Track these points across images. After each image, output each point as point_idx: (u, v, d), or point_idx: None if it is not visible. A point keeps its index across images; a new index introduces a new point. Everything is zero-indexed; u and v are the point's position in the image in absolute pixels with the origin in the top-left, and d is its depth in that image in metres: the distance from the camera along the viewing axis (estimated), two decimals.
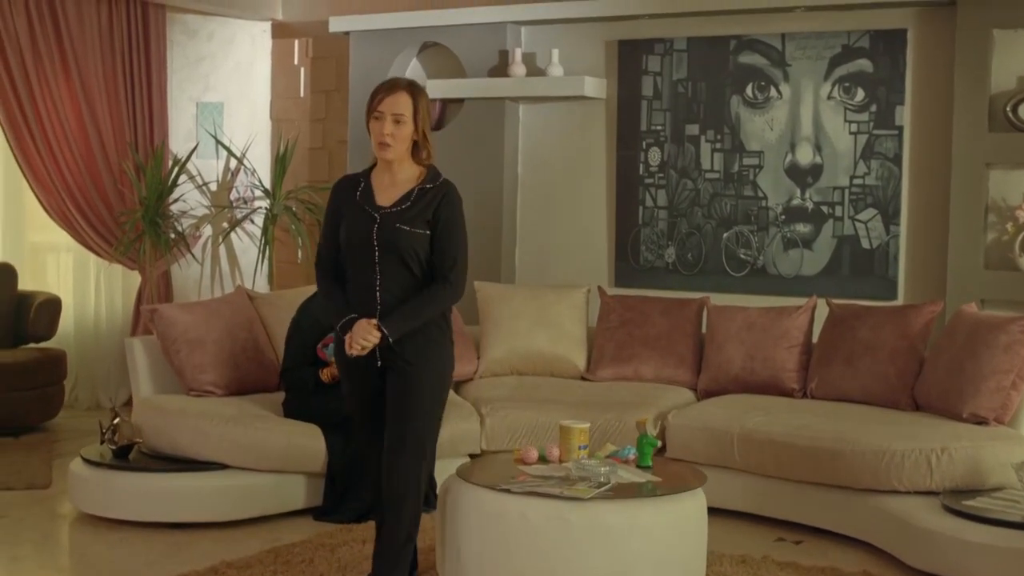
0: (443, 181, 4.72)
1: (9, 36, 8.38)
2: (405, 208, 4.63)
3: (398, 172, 4.69)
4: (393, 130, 4.59)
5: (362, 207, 4.67)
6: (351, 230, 4.65)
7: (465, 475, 5.00)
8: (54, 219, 8.71)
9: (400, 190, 4.67)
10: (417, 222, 4.61)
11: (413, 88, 4.65)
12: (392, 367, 4.70)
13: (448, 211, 4.64)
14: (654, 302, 7.30)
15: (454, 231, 4.65)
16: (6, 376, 7.86)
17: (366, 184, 4.72)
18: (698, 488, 4.92)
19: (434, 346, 4.72)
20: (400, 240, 4.60)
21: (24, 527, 6.03)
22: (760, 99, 7.59)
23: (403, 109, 4.59)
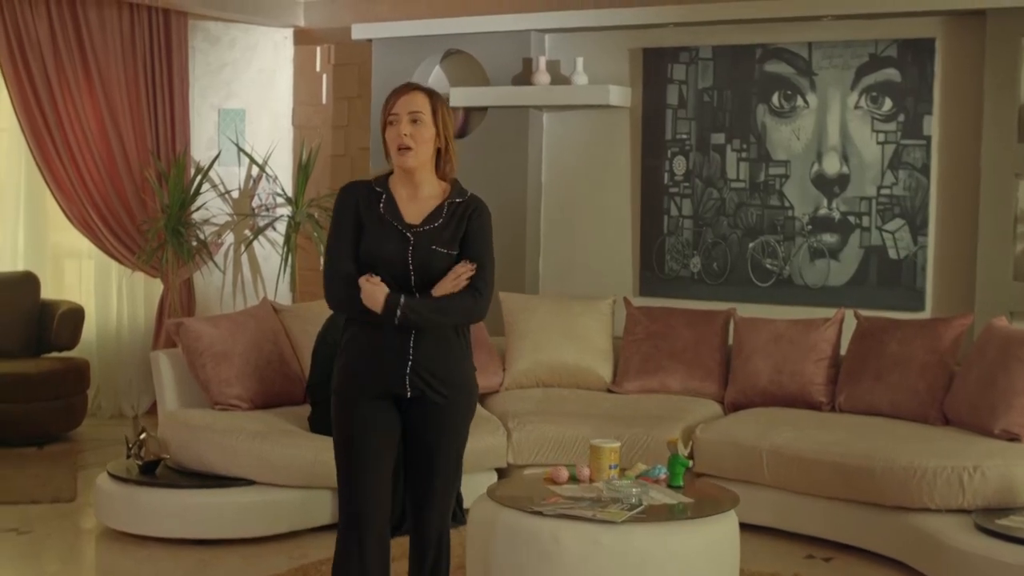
0: (472, 195, 4.23)
1: (31, 44, 8.38)
2: (438, 227, 4.12)
3: (421, 185, 4.16)
4: (412, 130, 4.07)
5: (390, 223, 4.11)
6: (377, 249, 4.10)
7: (496, 496, 4.97)
8: (76, 226, 8.70)
9: (427, 206, 4.14)
10: (453, 243, 4.13)
11: (430, 91, 4.18)
12: (422, 399, 4.17)
13: (479, 222, 4.17)
14: (680, 314, 7.26)
15: (484, 243, 4.19)
16: (30, 386, 7.86)
17: (388, 196, 4.16)
18: (731, 510, 4.89)
19: (467, 374, 4.27)
20: (436, 263, 4.11)
21: (50, 542, 6.02)
22: (786, 108, 7.54)
23: (420, 107, 4.08)
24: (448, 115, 4.17)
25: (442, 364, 4.16)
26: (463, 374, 4.25)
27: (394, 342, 4.11)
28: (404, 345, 4.11)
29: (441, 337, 4.15)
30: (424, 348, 4.12)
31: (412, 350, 4.11)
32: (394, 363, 4.12)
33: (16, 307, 8.34)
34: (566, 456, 6.48)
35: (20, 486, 6.91)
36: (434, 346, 4.14)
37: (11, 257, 8.85)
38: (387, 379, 4.13)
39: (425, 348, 4.12)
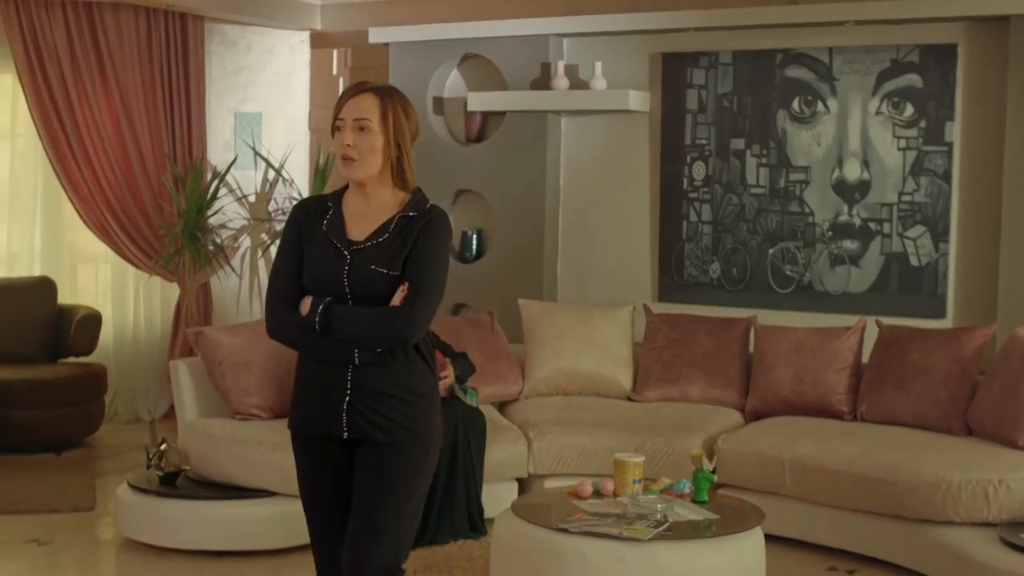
0: (431, 207, 3.67)
1: (48, 48, 8.37)
2: (381, 243, 3.62)
3: (373, 197, 3.68)
4: (356, 139, 3.59)
5: (329, 240, 3.65)
6: (314, 269, 3.63)
7: (520, 512, 4.95)
8: (93, 231, 8.69)
9: (376, 220, 3.66)
10: (396, 262, 3.60)
11: (384, 92, 3.66)
12: (364, 442, 3.64)
13: (426, 236, 3.60)
14: (700, 321, 7.23)
15: (427, 260, 3.59)
16: (48, 392, 7.86)
17: (335, 211, 3.70)
18: (757, 527, 4.86)
19: (417, 414, 3.64)
20: (375, 285, 3.59)
21: (71, 553, 6.01)
22: (807, 114, 7.50)
23: (367, 113, 3.59)
24: (404, 119, 3.65)
25: (387, 399, 3.60)
26: (416, 411, 3.63)
27: (332, 374, 3.62)
28: (342, 377, 3.60)
29: (390, 367, 3.60)
30: (365, 380, 3.59)
31: (350, 382, 3.60)
32: (332, 398, 3.61)
33: (33, 312, 8.34)
34: (587, 466, 6.46)
35: (39, 494, 6.90)
36: (379, 377, 3.60)
37: (28, 261, 8.84)
38: (326, 417, 3.63)
39: (367, 380, 3.59)
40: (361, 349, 3.57)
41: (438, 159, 8.39)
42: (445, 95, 8.57)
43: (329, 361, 3.61)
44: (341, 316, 3.55)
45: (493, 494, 6.36)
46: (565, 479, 6.44)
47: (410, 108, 3.70)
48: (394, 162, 3.65)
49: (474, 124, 8.42)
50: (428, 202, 3.70)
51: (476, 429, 6.21)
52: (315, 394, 3.65)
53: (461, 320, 7.39)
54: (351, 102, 3.63)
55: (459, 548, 5.96)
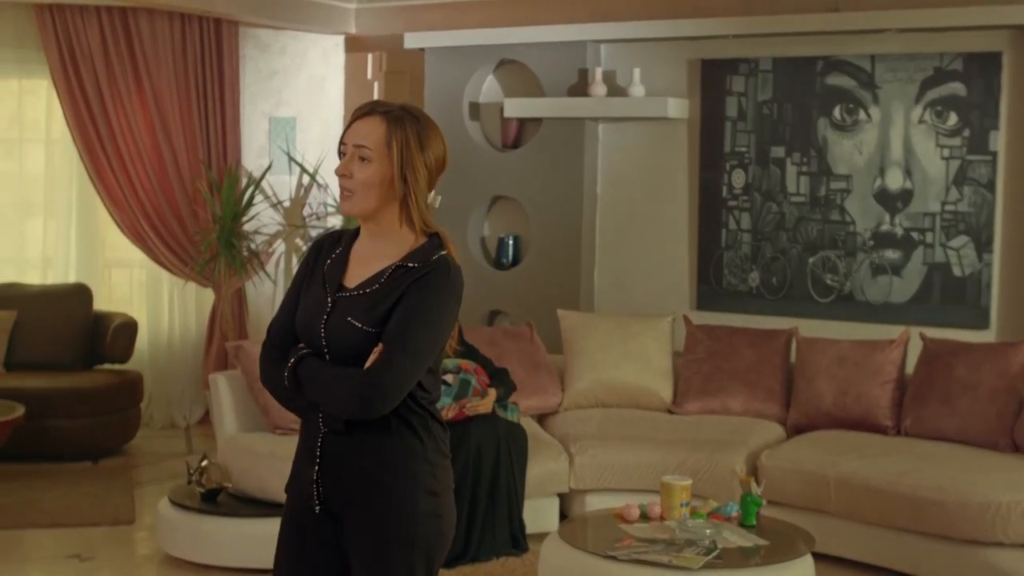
0: (438, 258, 3.06)
1: (83, 53, 8.35)
2: (368, 293, 3.06)
3: (381, 239, 3.12)
4: (354, 169, 3.06)
5: (322, 283, 3.14)
6: (301, 316, 3.14)
7: (567, 537, 4.92)
8: (128, 236, 8.68)
9: (378, 266, 3.10)
10: (375, 316, 3.02)
11: (395, 115, 3.07)
12: (340, 516, 3.10)
13: (418, 293, 3.01)
14: (741, 333, 7.18)
15: (410, 319, 3.00)
16: (85, 401, 7.84)
17: (342, 251, 3.18)
18: (807, 553, 4.82)
19: (394, 496, 3.05)
20: (350, 340, 3.03)
21: (113, 570, 5.99)
22: (848, 122, 7.42)
23: (368, 140, 3.04)
24: (417, 149, 3.06)
25: (361, 474, 3.06)
26: (394, 493, 3.04)
27: (308, 435, 3.13)
28: (314, 442, 3.10)
29: (362, 436, 3.05)
30: (336, 449, 3.07)
31: (320, 448, 3.08)
32: (308, 465, 3.12)
33: (69, 319, 8.33)
34: (629, 481, 6.42)
35: (78, 507, 6.89)
36: (351, 448, 3.06)
37: (63, 268, 8.83)
38: (303, 487, 3.14)
39: (337, 449, 3.07)
40: (327, 414, 3.05)
41: (474, 165, 8.35)
42: (481, 100, 8.52)
43: (307, 421, 3.13)
44: (309, 373, 3.04)
45: (534, 509, 6.33)
46: (606, 495, 6.43)
47: (430, 136, 3.09)
48: (401, 200, 3.07)
49: (510, 130, 8.37)
50: (439, 252, 3.06)
51: (518, 445, 6.18)
52: (299, 458, 3.18)
53: (500, 331, 7.35)
54: (355, 125, 3.10)
55: (501, 565, 5.93)
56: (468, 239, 8.40)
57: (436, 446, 3.11)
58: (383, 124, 3.04)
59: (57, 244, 8.91)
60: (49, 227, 8.95)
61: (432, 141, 3.08)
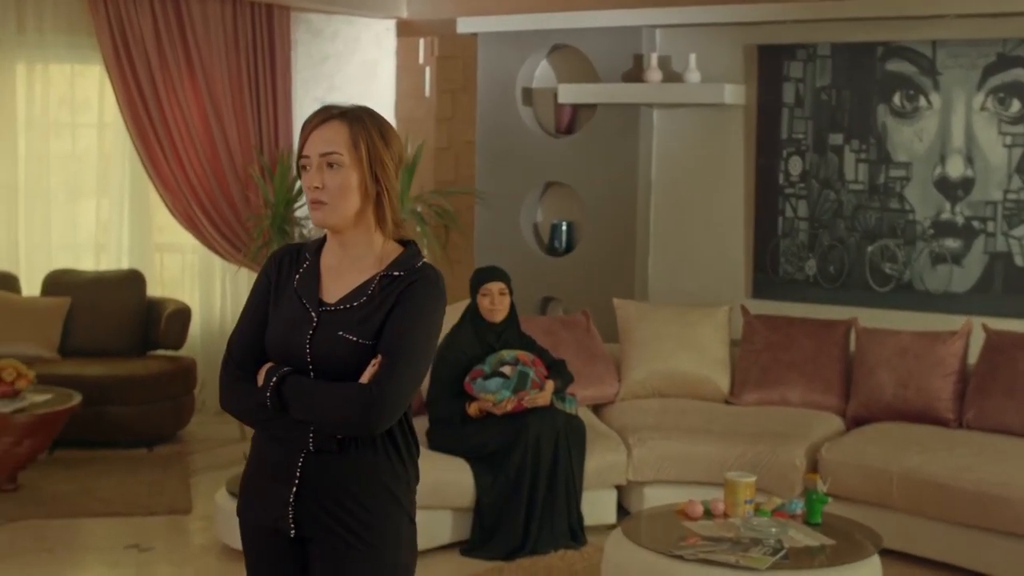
0: (421, 266, 2.99)
1: (135, 38, 8.33)
2: (356, 307, 2.96)
3: (353, 249, 3.02)
4: (326, 178, 2.93)
5: (297, 299, 3.02)
6: (275, 333, 3.00)
7: (631, 535, 4.88)
8: (180, 222, 8.67)
9: (356, 278, 3.00)
10: (368, 328, 2.92)
11: (353, 116, 2.98)
12: (316, 540, 2.97)
13: (410, 300, 2.93)
14: (800, 324, 7.10)
15: (405, 329, 2.90)
16: (139, 388, 7.85)
17: (311, 265, 3.05)
18: (875, 554, 4.76)
19: (378, 522, 2.95)
20: (340, 355, 2.92)
21: (172, 561, 6.00)
22: (908, 108, 7.32)
23: (334, 146, 2.93)
24: (383, 147, 2.97)
25: (340, 497, 2.93)
26: (377, 518, 2.94)
27: (283, 457, 2.97)
28: (291, 462, 2.95)
29: (351, 457, 2.94)
30: (319, 470, 2.94)
31: (300, 469, 2.94)
32: (279, 487, 2.96)
33: (123, 306, 8.34)
34: (688, 474, 6.38)
35: (135, 495, 6.90)
36: (335, 468, 2.93)
37: (115, 253, 8.83)
38: (271, 508, 2.98)
39: (320, 470, 2.94)
40: (318, 433, 2.92)
41: (527, 151, 8.31)
42: (534, 86, 8.46)
43: (282, 441, 2.96)
44: (297, 391, 2.90)
45: (591, 502, 6.30)
46: (664, 487, 6.40)
47: (390, 133, 3.00)
48: (374, 202, 2.97)
49: (564, 116, 8.31)
50: (420, 259, 3.01)
51: (576, 437, 6.14)
52: (265, 478, 3.00)
53: (555, 320, 7.31)
54: (314, 134, 2.98)
55: (560, 558, 5.90)
56: (521, 225, 8.35)
57: (415, 471, 3.04)
58: (344, 126, 2.95)
59: (109, 229, 8.91)
60: (102, 212, 8.96)
61: (392, 136, 3.01)
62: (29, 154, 8.58)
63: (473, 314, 6.24)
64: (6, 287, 8.27)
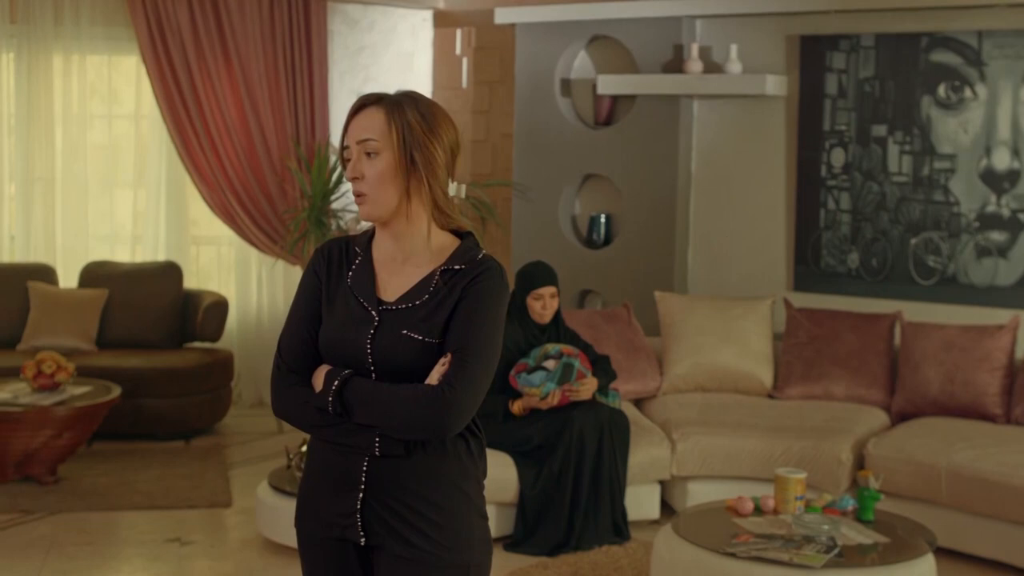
0: (483, 258, 2.85)
1: (171, 30, 8.31)
2: (419, 304, 2.83)
3: (405, 241, 2.87)
4: (363, 168, 2.80)
5: (353, 297, 2.87)
6: (333, 334, 2.87)
7: (682, 531, 4.82)
8: (217, 214, 8.65)
9: (414, 273, 2.86)
10: (434, 326, 2.80)
11: (392, 101, 2.82)
12: (385, 547, 2.85)
13: (474, 295, 2.80)
14: (843, 317, 7.03)
15: (474, 325, 2.78)
16: (177, 380, 7.82)
17: (364, 260, 2.90)
18: (929, 552, 4.70)
19: (449, 523, 2.83)
20: (405, 354, 2.80)
21: (214, 555, 5.97)
22: (954, 100, 7.23)
23: (371, 132, 2.78)
24: (425, 132, 2.80)
25: (409, 501, 2.82)
26: (448, 519, 2.83)
27: (346, 463, 2.85)
28: (356, 468, 2.84)
29: (419, 460, 2.82)
30: (385, 474, 2.82)
31: (365, 475, 2.83)
32: (343, 494, 2.86)
33: (160, 298, 8.31)
34: (732, 469, 6.32)
35: (175, 488, 6.88)
36: (402, 472, 2.82)
37: (152, 245, 8.81)
38: (336, 517, 2.88)
39: (386, 474, 2.82)
40: (385, 436, 2.79)
41: (565, 142, 8.25)
42: (572, 77, 8.40)
43: (344, 446, 2.84)
44: (362, 395, 2.77)
45: (634, 497, 6.26)
46: (708, 482, 6.34)
47: (436, 118, 2.83)
48: (427, 191, 2.81)
49: (603, 107, 8.25)
50: (480, 252, 2.86)
51: (620, 432, 6.09)
52: (326, 486, 2.89)
53: (597, 313, 7.25)
54: (353, 123, 2.84)
55: (603, 554, 5.85)
56: (559, 217, 8.30)
57: (482, 465, 2.92)
58: (380, 112, 2.80)
59: (146, 221, 8.89)
60: (138, 204, 8.95)
61: (440, 122, 2.82)
62: (66, 146, 8.56)
63: (520, 312, 6.17)
64: (43, 279, 8.26)
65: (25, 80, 8.37)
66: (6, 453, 6.76)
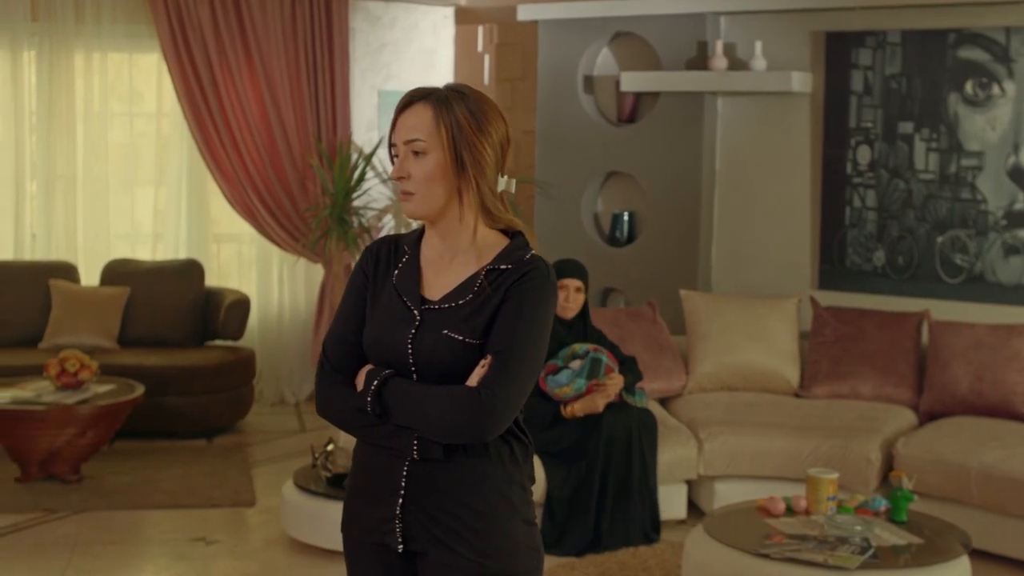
0: (530, 258, 2.76)
1: (193, 27, 8.29)
2: (462, 304, 2.76)
3: (453, 240, 2.81)
4: (410, 167, 2.75)
5: (397, 296, 2.82)
6: (375, 333, 2.81)
7: (713, 532, 4.79)
8: (238, 212, 8.63)
9: (459, 272, 2.80)
10: (476, 326, 2.73)
11: (440, 97, 2.76)
12: (427, 554, 2.78)
13: (519, 296, 2.71)
14: (871, 316, 6.98)
15: (515, 327, 2.70)
16: (200, 378, 7.80)
17: (411, 258, 2.85)
18: (964, 554, 4.65)
19: (493, 530, 2.75)
20: (446, 355, 2.73)
21: (239, 555, 5.95)
22: (981, 97, 7.17)
23: (419, 131, 2.73)
24: (473, 128, 2.73)
25: (450, 507, 2.75)
26: (492, 526, 2.75)
27: (386, 467, 2.78)
28: (396, 471, 2.77)
29: (460, 464, 2.75)
30: (425, 479, 2.75)
31: (405, 479, 2.76)
32: (384, 498, 2.79)
33: (181, 296, 8.29)
34: (759, 468, 6.28)
35: (198, 487, 6.85)
36: (442, 477, 2.75)
37: (173, 243, 8.79)
38: (377, 522, 2.81)
39: (426, 479, 2.75)
40: (423, 439, 2.72)
41: (588, 140, 8.22)
42: (595, 73, 8.35)
43: (385, 450, 2.77)
44: (400, 396, 2.71)
45: (661, 496, 6.20)
46: (736, 482, 6.31)
47: (487, 114, 2.76)
48: (475, 191, 2.75)
49: (626, 104, 8.20)
50: (528, 251, 2.78)
51: (649, 432, 6.05)
52: (369, 490, 2.82)
53: (622, 312, 7.21)
54: (400, 120, 2.77)
55: (632, 554, 5.81)
56: (581, 215, 8.26)
57: (528, 470, 2.83)
58: (428, 109, 2.73)
59: (167, 219, 8.87)
60: (159, 202, 8.92)
61: (490, 118, 2.75)
62: (87, 144, 8.54)
63: None
64: (65, 277, 8.24)
65: (47, 78, 8.36)
66: (30, 452, 6.74)
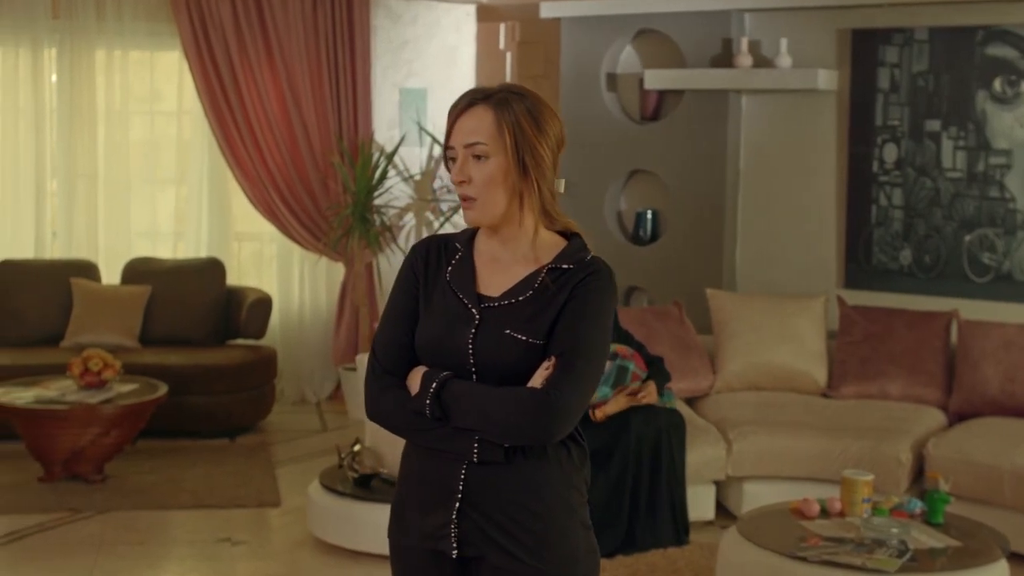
0: (592, 259, 2.74)
1: (214, 25, 8.26)
2: (523, 301, 2.71)
3: (509, 240, 2.77)
4: (471, 171, 2.70)
5: (453, 294, 2.76)
6: (430, 332, 2.75)
7: (748, 534, 4.74)
8: (259, 210, 8.60)
9: (518, 271, 2.75)
10: (539, 326, 2.68)
11: (499, 98, 2.71)
12: (484, 560, 2.74)
13: (583, 296, 2.68)
14: (898, 315, 6.93)
15: (580, 327, 2.66)
16: (222, 377, 7.77)
17: (464, 256, 2.81)
18: (1002, 558, 4.60)
19: (554, 535, 2.70)
20: (507, 355, 2.67)
21: (266, 555, 5.92)
22: (1009, 94, 7.11)
23: (480, 135, 2.68)
24: (534, 130, 2.69)
25: (511, 512, 2.69)
26: (553, 531, 2.70)
27: (442, 471, 2.73)
28: (453, 476, 2.71)
29: (520, 467, 2.69)
30: (484, 483, 2.70)
31: (463, 483, 2.70)
32: (439, 503, 2.72)
33: (203, 295, 8.26)
34: (787, 469, 6.24)
35: (222, 486, 6.82)
36: (503, 480, 2.70)
37: (194, 242, 8.76)
38: (430, 527, 2.74)
39: (486, 483, 2.70)
40: (483, 442, 2.67)
41: (611, 137, 8.16)
42: (618, 71, 8.30)
43: (440, 454, 2.72)
44: (461, 398, 2.65)
45: (689, 497, 6.15)
46: (764, 482, 6.26)
47: (544, 115, 2.72)
48: (536, 194, 2.71)
49: (650, 102, 8.15)
50: (588, 252, 2.75)
51: (678, 433, 5.99)
52: (421, 495, 2.76)
53: (648, 311, 7.16)
54: (458, 123, 2.72)
55: (662, 556, 5.77)
56: (605, 213, 8.21)
57: (585, 473, 2.79)
58: (489, 111, 2.68)
59: (188, 218, 8.84)
60: (180, 201, 8.90)
61: (547, 118, 2.72)
62: (108, 142, 8.52)
63: None
64: (86, 275, 8.22)
65: (67, 76, 8.33)
66: (53, 451, 6.72)
